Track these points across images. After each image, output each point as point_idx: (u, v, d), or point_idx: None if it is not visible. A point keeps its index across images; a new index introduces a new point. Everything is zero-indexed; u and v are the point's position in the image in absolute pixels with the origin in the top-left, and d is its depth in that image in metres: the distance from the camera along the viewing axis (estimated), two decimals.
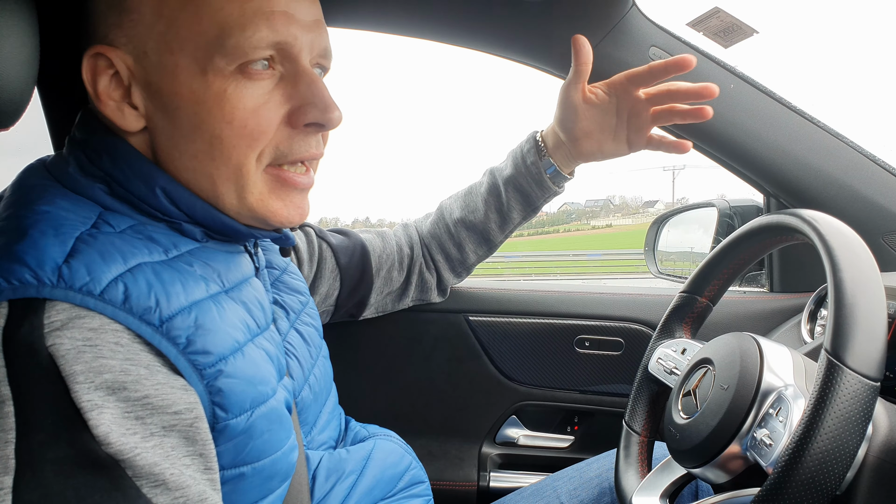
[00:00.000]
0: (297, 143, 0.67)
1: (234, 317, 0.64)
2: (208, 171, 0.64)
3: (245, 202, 0.66)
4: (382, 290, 1.17)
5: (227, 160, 0.64)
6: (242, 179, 0.65)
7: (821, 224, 0.67)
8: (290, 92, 0.65)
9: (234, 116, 0.62)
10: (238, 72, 0.62)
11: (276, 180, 0.67)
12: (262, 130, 0.64)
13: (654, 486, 0.83)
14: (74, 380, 0.49)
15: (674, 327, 0.94)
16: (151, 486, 0.51)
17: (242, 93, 0.63)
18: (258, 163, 0.65)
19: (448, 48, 1.21)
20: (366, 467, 0.85)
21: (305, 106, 0.65)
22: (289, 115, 0.66)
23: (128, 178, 0.63)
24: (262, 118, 0.64)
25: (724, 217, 1.43)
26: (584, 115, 1.02)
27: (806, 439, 0.55)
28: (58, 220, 0.57)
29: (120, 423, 0.50)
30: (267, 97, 0.64)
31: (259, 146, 0.64)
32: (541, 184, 1.11)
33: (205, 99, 0.62)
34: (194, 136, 0.63)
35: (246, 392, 0.60)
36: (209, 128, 0.62)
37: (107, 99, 0.63)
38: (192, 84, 0.62)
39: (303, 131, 0.67)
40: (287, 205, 0.68)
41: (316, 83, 0.66)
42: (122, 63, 0.63)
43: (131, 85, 0.63)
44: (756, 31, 1.00)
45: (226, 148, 0.63)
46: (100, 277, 0.53)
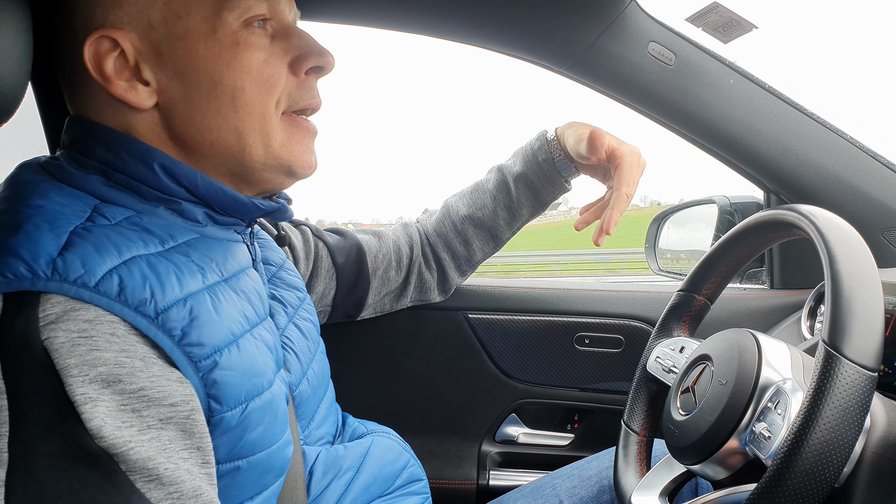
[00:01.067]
0: (303, 91, 0.72)
1: (232, 307, 0.64)
2: (233, 124, 0.68)
3: (271, 150, 0.70)
4: (380, 291, 1.17)
5: (251, 109, 0.68)
6: (266, 127, 0.69)
7: (817, 218, 0.67)
8: (285, 45, 0.71)
9: (251, 66, 0.67)
10: (244, 26, 0.67)
11: (292, 125, 0.72)
12: (276, 78, 0.69)
13: (654, 484, 0.83)
14: (68, 373, 0.49)
15: (672, 326, 0.94)
16: (145, 480, 0.51)
17: (252, 45, 0.67)
18: (276, 110, 0.70)
19: (442, 43, 1.21)
20: (363, 464, 0.84)
21: (304, 54, 0.71)
22: (291, 65, 0.71)
23: (125, 161, 0.64)
24: (273, 67, 0.69)
25: (724, 214, 1.42)
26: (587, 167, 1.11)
27: (805, 430, 0.55)
28: (52, 213, 0.57)
29: (115, 416, 0.50)
30: (270, 49, 0.69)
31: (276, 94, 0.69)
32: (551, 180, 1.12)
33: (221, 54, 0.66)
34: (216, 93, 0.66)
35: (241, 384, 0.60)
36: (230, 80, 0.66)
37: (116, 80, 0.65)
38: (207, 42, 0.66)
39: (305, 79, 0.72)
40: (305, 150, 0.73)
41: (306, 34, 0.72)
42: (127, 42, 0.64)
43: (139, 62, 0.65)
44: (755, 27, 0.99)
45: (248, 97, 0.67)
46: (94, 270, 0.53)
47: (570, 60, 1.14)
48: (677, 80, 1.12)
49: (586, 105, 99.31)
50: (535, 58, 1.18)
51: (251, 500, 0.65)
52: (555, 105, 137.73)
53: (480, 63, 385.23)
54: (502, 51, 1.18)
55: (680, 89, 1.12)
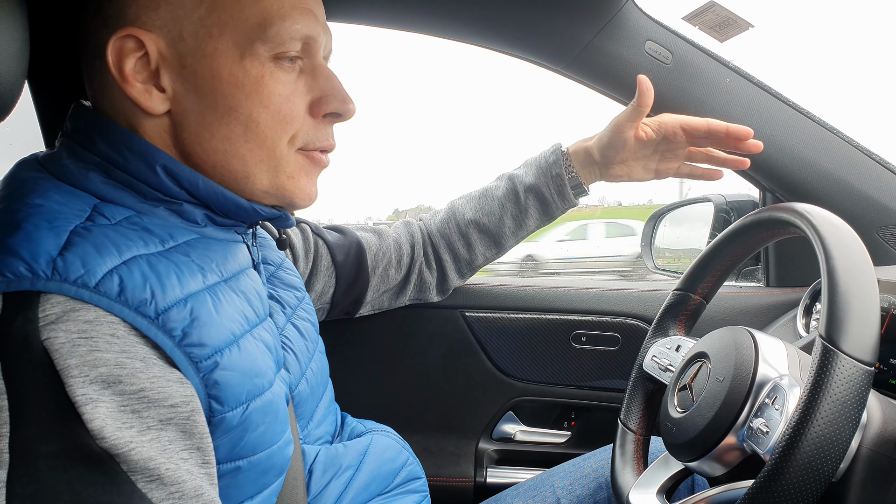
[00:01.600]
0: (319, 132, 0.72)
1: (232, 308, 0.63)
2: (241, 152, 0.67)
3: (277, 181, 0.70)
4: (379, 289, 1.17)
5: (261, 142, 0.67)
6: (275, 160, 0.69)
7: (813, 216, 0.67)
8: (310, 84, 0.70)
9: (270, 101, 0.66)
10: (272, 60, 0.66)
11: (306, 159, 0.72)
12: (293, 116, 0.68)
13: (651, 482, 0.83)
14: (69, 374, 0.49)
15: (668, 325, 0.94)
16: (147, 480, 0.51)
17: (277, 79, 0.67)
18: (290, 145, 0.69)
19: (439, 42, 1.21)
20: (363, 462, 0.84)
21: (326, 97, 0.70)
22: (310, 105, 0.70)
23: (126, 158, 0.64)
24: (293, 105, 0.68)
25: (720, 212, 1.43)
26: (629, 148, 1.08)
27: (803, 424, 0.55)
28: (51, 212, 0.57)
29: (115, 416, 0.50)
30: (294, 86, 0.69)
31: (290, 131, 0.68)
32: (563, 195, 1.13)
33: (244, 83, 0.65)
34: (229, 119, 0.66)
35: (242, 385, 0.60)
36: (246, 111, 0.66)
37: (133, 80, 0.64)
38: (232, 67, 0.65)
39: (322, 121, 0.71)
40: (310, 182, 0.73)
41: (334, 77, 0.71)
42: (153, 46, 0.64)
43: (160, 68, 0.64)
44: (752, 25, 1.00)
45: (261, 131, 0.67)
46: (94, 270, 0.53)
47: (567, 59, 1.14)
48: (674, 79, 1.12)
49: (583, 105, 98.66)
50: (532, 56, 1.18)
51: (251, 499, 0.65)
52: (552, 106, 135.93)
53: (478, 62, 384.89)
54: (499, 49, 1.19)
55: (677, 88, 1.13)
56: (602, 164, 1.11)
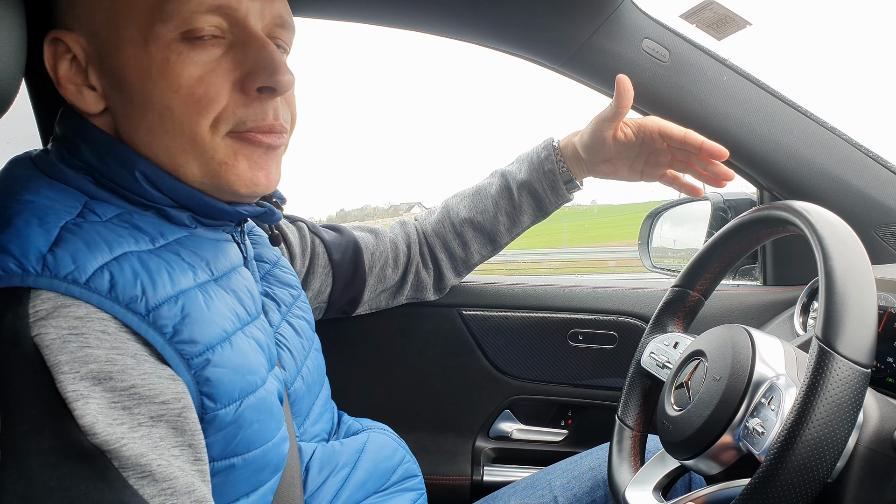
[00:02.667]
0: (252, 111, 0.65)
1: (223, 305, 0.63)
2: (164, 143, 0.64)
3: (209, 169, 0.65)
4: (376, 288, 1.17)
5: (179, 130, 0.63)
6: (199, 148, 0.64)
7: (811, 215, 0.67)
8: (239, 58, 0.64)
9: (180, 85, 0.61)
10: (181, 40, 0.61)
11: (238, 141, 0.65)
12: (210, 97, 0.63)
13: (647, 479, 0.83)
14: (59, 370, 0.49)
15: (666, 321, 0.94)
16: (138, 477, 0.50)
17: (186, 60, 0.62)
18: (213, 130, 0.64)
19: (435, 39, 1.20)
20: (359, 460, 0.84)
21: (255, 70, 0.64)
22: (240, 82, 0.64)
23: (109, 166, 0.63)
24: (209, 85, 0.62)
25: (717, 210, 1.43)
26: (610, 148, 1.07)
27: (798, 426, 0.55)
28: (42, 209, 0.57)
29: (106, 413, 0.50)
30: (214, 64, 0.63)
31: (210, 114, 0.63)
32: (556, 190, 1.13)
33: (149, 70, 0.61)
34: (146, 110, 0.63)
35: (234, 382, 0.60)
36: (158, 99, 0.62)
37: (67, 83, 0.64)
38: (138, 56, 0.61)
39: (257, 98, 0.65)
40: (252, 165, 0.66)
41: (266, 47, 0.65)
42: (77, 45, 0.63)
43: (88, 66, 0.63)
44: (749, 23, 1.00)
45: (176, 118, 0.62)
46: (85, 266, 0.53)
47: (564, 57, 1.14)
48: (671, 77, 1.12)
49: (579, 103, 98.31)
50: (529, 54, 1.18)
51: (247, 496, 0.64)
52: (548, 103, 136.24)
53: (475, 59, 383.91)
54: (496, 47, 1.18)
55: (674, 86, 1.12)
56: (588, 161, 1.10)
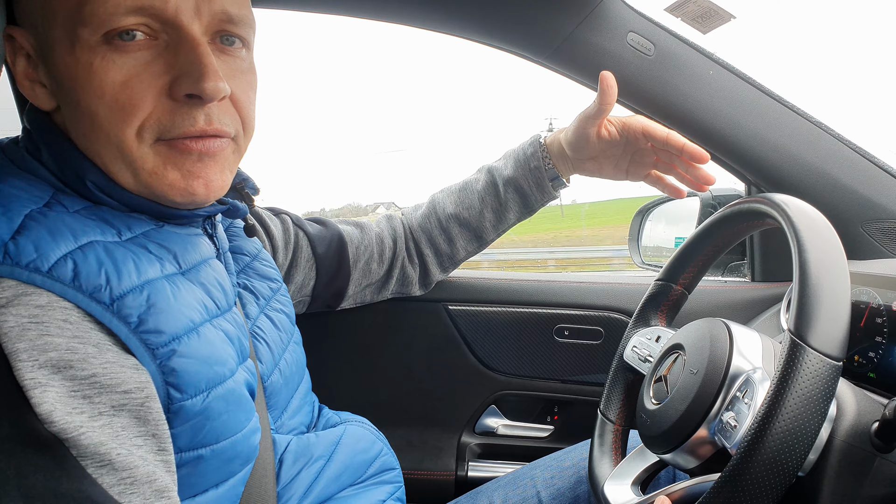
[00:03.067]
0: (179, 117, 0.61)
1: (191, 297, 0.63)
2: (95, 149, 0.62)
3: (140, 178, 0.62)
4: (361, 283, 1.16)
5: (106, 137, 0.61)
6: (127, 156, 0.61)
7: (789, 207, 0.67)
8: (170, 61, 0.61)
9: (104, 91, 0.59)
10: (104, 43, 0.59)
11: (168, 149, 0.62)
12: (134, 104, 0.59)
13: (627, 473, 0.83)
14: (17, 357, 0.49)
15: (649, 315, 0.94)
16: (97, 465, 0.50)
17: (109, 65, 0.59)
18: (139, 138, 0.61)
19: (418, 32, 1.20)
20: (334, 452, 0.84)
21: (181, 76, 0.61)
22: (168, 87, 0.61)
23: (64, 171, 0.63)
24: (133, 91, 0.59)
25: (706, 206, 1.42)
26: (594, 145, 1.06)
27: (768, 419, 0.55)
28: (7, 197, 0.56)
29: (65, 401, 0.50)
30: (141, 69, 0.60)
31: (135, 121, 0.60)
32: (542, 187, 1.12)
33: (76, 74, 0.59)
34: (77, 114, 0.61)
35: (201, 372, 0.59)
36: (85, 104, 0.60)
37: (22, 79, 0.63)
38: (66, 58, 0.60)
39: (186, 103, 0.61)
40: (184, 174, 0.63)
41: (195, 50, 0.61)
42: (25, 41, 0.62)
43: (38, 64, 0.63)
44: (734, 17, 0.99)
45: (102, 124, 0.60)
46: (48, 254, 0.53)
47: (549, 50, 1.13)
48: (657, 71, 1.11)
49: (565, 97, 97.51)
50: (513, 47, 1.17)
51: (216, 487, 0.64)
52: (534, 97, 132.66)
53: (459, 52, 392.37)
54: (480, 40, 1.18)
55: (659, 80, 1.12)
56: (573, 158, 1.10)
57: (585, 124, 1.05)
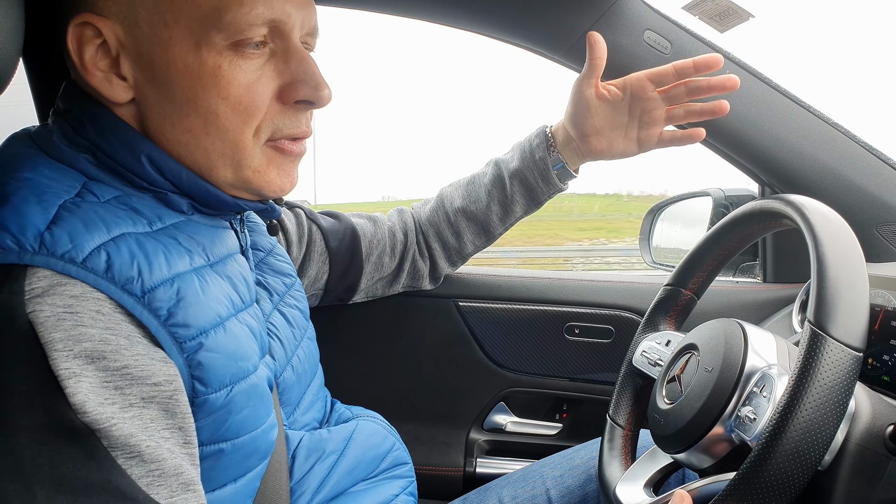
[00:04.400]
0: (289, 120, 0.67)
1: (218, 291, 0.63)
2: (203, 145, 0.64)
3: (241, 174, 0.66)
4: (373, 276, 1.16)
5: (223, 136, 0.64)
6: (239, 154, 0.65)
7: (805, 207, 0.67)
8: (280, 68, 0.65)
9: (229, 93, 0.62)
10: (231, 48, 0.62)
11: (274, 151, 0.68)
12: (256, 107, 0.64)
13: (639, 475, 0.83)
14: (53, 347, 0.49)
15: (658, 320, 0.93)
16: (127, 457, 0.50)
17: (237, 69, 0.62)
18: (255, 138, 0.65)
19: (434, 27, 1.20)
20: (347, 447, 0.84)
21: (297, 83, 0.66)
22: (280, 92, 0.66)
23: (113, 147, 0.63)
24: (255, 95, 0.64)
25: (719, 206, 1.42)
26: (596, 112, 1.01)
27: (790, 408, 0.55)
28: (41, 187, 0.57)
29: (98, 392, 0.50)
30: (259, 73, 0.64)
31: (254, 122, 0.64)
32: (547, 179, 1.09)
33: (200, 74, 0.61)
34: (188, 111, 0.63)
35: (226, 367, 0.60)
36: (204, 103, 0.62)
37: (94, 69, 0.62)
38: (187, 58, 0.61)
39: (293, 108, 0.67)
40: (281, 174, 0.69)
41: (307, 60, 0.66)
42: (111, 33, 0.61)
43: (120, 55, 0.62)
44: (752, 16, 0.98)
45: (222, 124, 0.63)
46: (82, 245, 0.53)
47: (565, 47, 1.13)
48: None
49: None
50: (529, 44, 1.17)
51: (235, 482, 0.64)
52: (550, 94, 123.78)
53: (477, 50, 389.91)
54: (497, 36, 1.17)
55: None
56: (578, 138, 1.05)
57: (581, 87, 1.01)
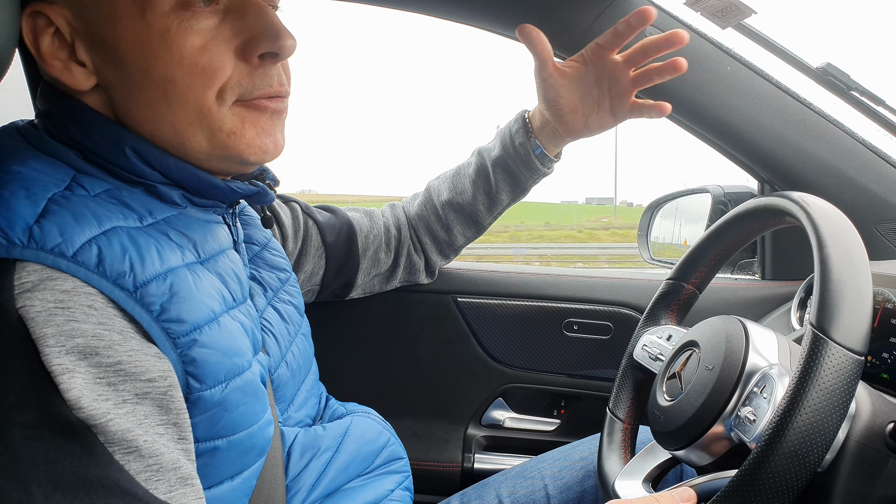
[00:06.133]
0: (258, 78, 0.64)
1: (210, 287, 0.62)
2: (167, 118, 0.62)
3: (216, 140, 0.64)
4: (370, 272, 1.16)
5: (184, 103, 0.61)
6: (206, 119, 0.62)
7: (809, 205, 0.66)
8: (238, 24, 0.63)
9: (182, 55, 0.60)
10: (179, 8, 0.59)
11: (246, 108, 0.65)
12: (215, 67, 0.61)
13: (637, 470, 0.83)
14: (45, 343, 0.48)
15: (659, 314, 0.93)
16: (124, 452, 0.50)
17: (187, 29, 0.60)
18: (220, 100, 0.63)
19: (432, 21, 1.19)
20: (342, 444, 0.84)
21: (256, 36, 0.63)
22: (241, 49, 0.63)
23: (96, 143, 0.62)
24: (212, 54, 0.61)
25: (717, 203, 1.42)
26: (565, 90, 1.00)
27: (790, 412, 0.55)
28: (29, 180, 0.55)
29: (91, 388, 0.49)
30: (214, 32, 0.62)
31: (216, 84, 0.62)
32: (529, 165, 1.09)
33: (149, 40, 0.59)
34: (146, 84, 0.61)
35: (221, 363, 0.59)
36: (160, 71, 0.60)
37: (52, 59, 0.61)
38: (134, 27, 0.59)
39: (259, 65, 0.64)
40: (259, 132, 0.65)
41: (264, 11, 0.64)
42: (60, 19, 0.60)
43: (74, 41, 0.61)
44: (754, 12, 0.98)
45: (180, 90, 0.61)
46: (73, 239, 0.52)
47: (565, 43, 1.12)
48: None
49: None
50: None
51: (231, 479, 0.64)
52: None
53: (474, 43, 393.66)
54: (497, 31, 1.16)
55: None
56: (554, 119, 1.03)
57: (541, 76, 1.00)
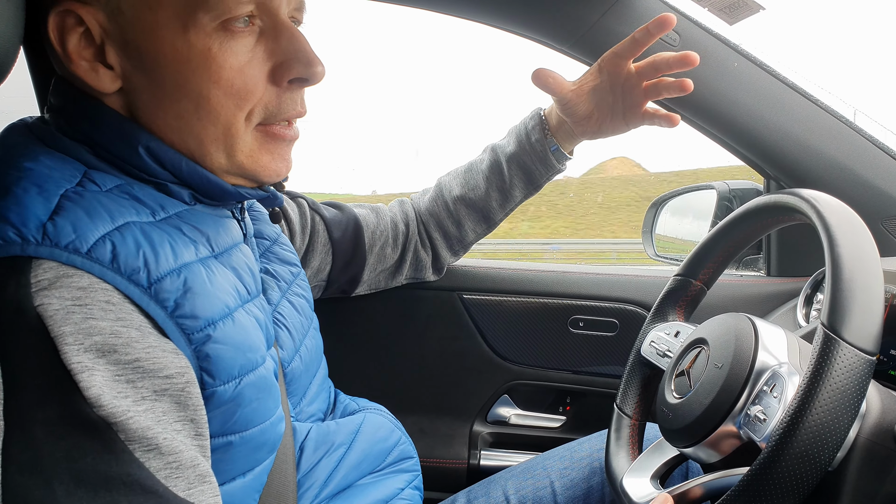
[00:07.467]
0: (284, 102, 0.66)
1: (225, 282, 0.62)
2: (195, 130, 0.63)
3: (234, 160, 0.65)
4: (376, 268, 1.16)
5: (215, 120, 0.62)
6: (232, 139, 0.64)
7: (819, 202, 0.66)
8: (272, 47, 0.64)
9: (220, 76, 0.61)
10: (221, 29, 0.60)
11: (265, 136, 0.66)
12: (249, 89, 0.63)
13: (645, 467, 0.82)
14: (64, 341, 0.48)
15: (667, 310, 0.93)
16: (144, 449, 0.50)
17: (227, 51, 0.61)
18: (247, 122, 0.64)
19: (441, 17, 1.19)
20: (355, 441, 0.84)
21: (289, 61, 0.64)
22: (273, 72, 0.64)
23: (110, 140, 0.62)
24: (248, 77, 0.62)
25: (722, 199, 1.41)
26: (582, 101, 1.03)
27: (801, 412, 0.55)
28: (41, 177, 0.56)
29: (111, 385, 0.49)
30: (250, 54, 0.63)
31: (248, 105, 0.63)
32: (545, 161, 1.10)
33: (189, 58, 0.60)
34: (179, 96, 0.61)
35: (234, 359, 0.59)
36: (195, 87, 0.61)
37: (78, 59, 0.60)
38: (175, 42, 0.59)
39: (288, 89, 0.66)
40: (275, 157, 0.67)
41: (297, 37, 0.65)
42: (93, 20, 0.60)
43: (104, 43, 0.60)
44: (763, 8, 0.97)
45: (213, 108, 0.62)
46: (86, 235, 0.52)
47: (573, 39, 1.12)
48: None
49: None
50: (536, 35, 1.16)
51: (244, 475, 0.64)
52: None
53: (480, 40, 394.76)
54: (504, 27, 1.16)
55: (683, 71, 1.11)
56: (571, 122, 1.05)
57: (560, 103, 1.03)
